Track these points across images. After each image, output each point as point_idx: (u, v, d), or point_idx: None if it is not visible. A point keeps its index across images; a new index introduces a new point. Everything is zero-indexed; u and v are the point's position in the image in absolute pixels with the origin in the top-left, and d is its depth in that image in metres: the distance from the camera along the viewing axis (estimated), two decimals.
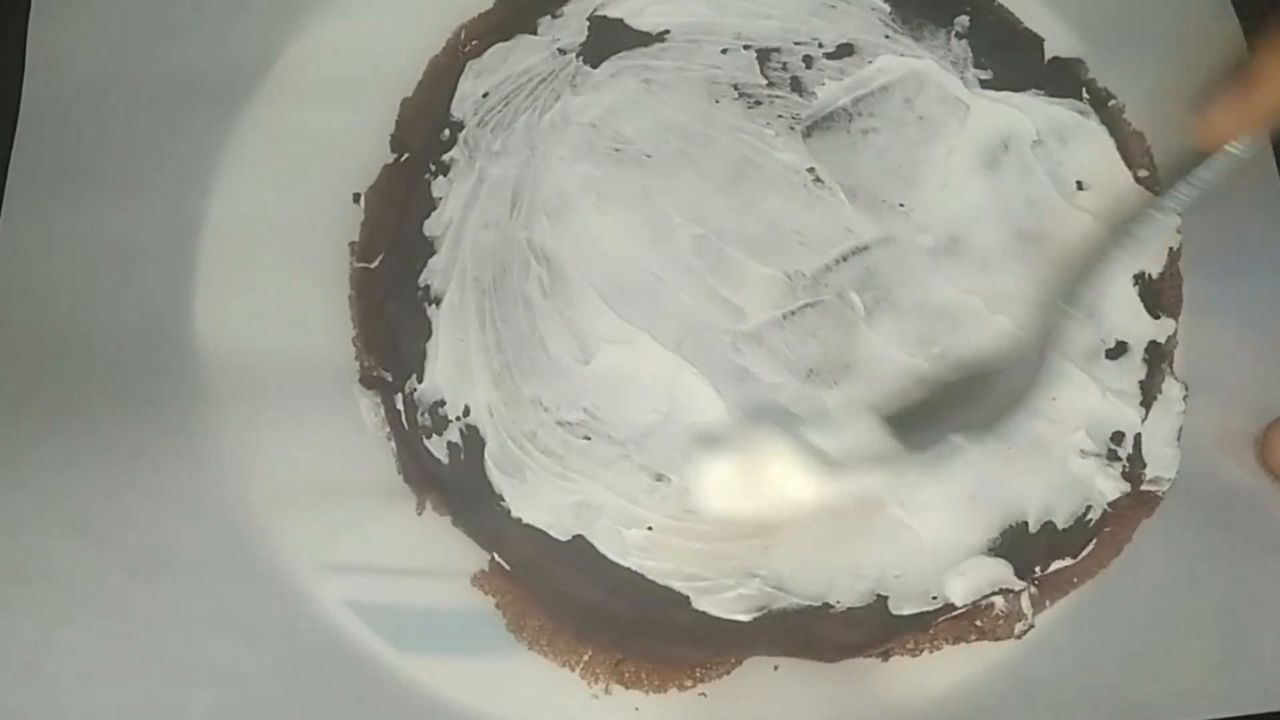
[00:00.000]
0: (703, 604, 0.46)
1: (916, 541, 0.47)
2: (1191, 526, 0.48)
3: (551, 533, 0.47)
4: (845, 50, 0.53)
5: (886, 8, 0.54)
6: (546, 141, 0.52)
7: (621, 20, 0.54)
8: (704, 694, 0.46)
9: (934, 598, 0.46)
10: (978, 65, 0.53)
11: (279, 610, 0.47)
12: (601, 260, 0.50)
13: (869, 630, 0.46)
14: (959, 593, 0.46)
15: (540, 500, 0.47)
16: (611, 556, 0.47)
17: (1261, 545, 0.48)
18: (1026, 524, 0.47)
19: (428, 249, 0.51)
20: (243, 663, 0.46)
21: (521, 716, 0.46)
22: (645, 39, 0.54)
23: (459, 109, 0.53)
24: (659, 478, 0.47)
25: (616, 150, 0.52)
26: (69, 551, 0.47)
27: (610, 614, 0.47)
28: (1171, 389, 0.49)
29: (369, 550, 0.48)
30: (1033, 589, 0.47)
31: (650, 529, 0.47)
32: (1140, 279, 0.51)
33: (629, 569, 0.47)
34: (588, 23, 0.54)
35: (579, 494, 0.47)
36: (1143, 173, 0.52)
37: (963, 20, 0.54)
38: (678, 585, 0.46)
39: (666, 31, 0.54)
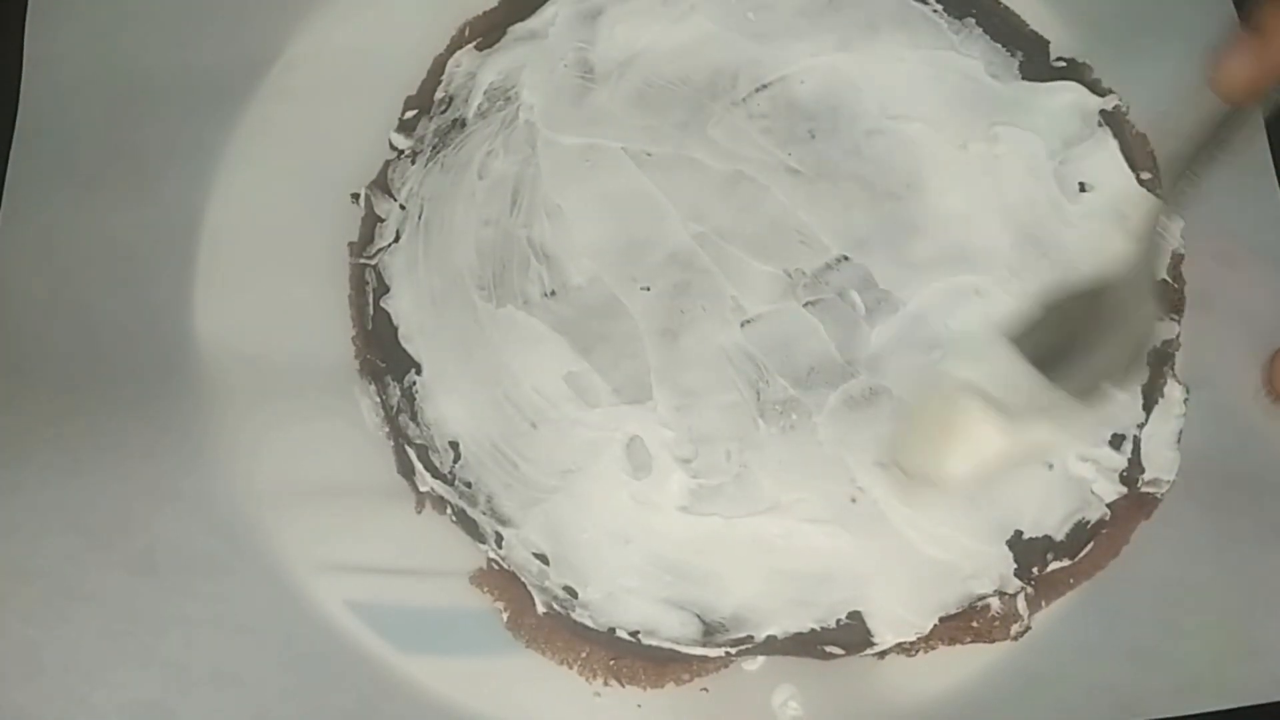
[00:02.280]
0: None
1: (909, 547, 0.47)
2: (1190, 525, 0.48)
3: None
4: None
5: None
6: (545, 137, 0.52)
7: None
8: (705, 689, 0.47)
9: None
10: None
11: (279, 609, 0.47)
12: (600, 255, 0.50)
13: (859, 635, 0.47)
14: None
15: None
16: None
17: (1259, 540, 0.48)
18: (1022, 524, 0.47)
19: (430, 246, 0.51)
20: (243, 661, 0.46)
21: (524, 716, 0.46)
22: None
23: (461, 106, 0.53)
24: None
25: (618, 146, 0.52)
26: (69, 550, 0.47)
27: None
28: (1173, 391, 0.49)
29: (368, 549, 0.48)
30: (1029, 589, 0.47)
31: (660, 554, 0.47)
32: None
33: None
34: None
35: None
36: (1145, 175, 0.52)
37: (969, 22, 0.54)
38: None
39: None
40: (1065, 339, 0.44)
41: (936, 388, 0.45)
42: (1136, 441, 0.49)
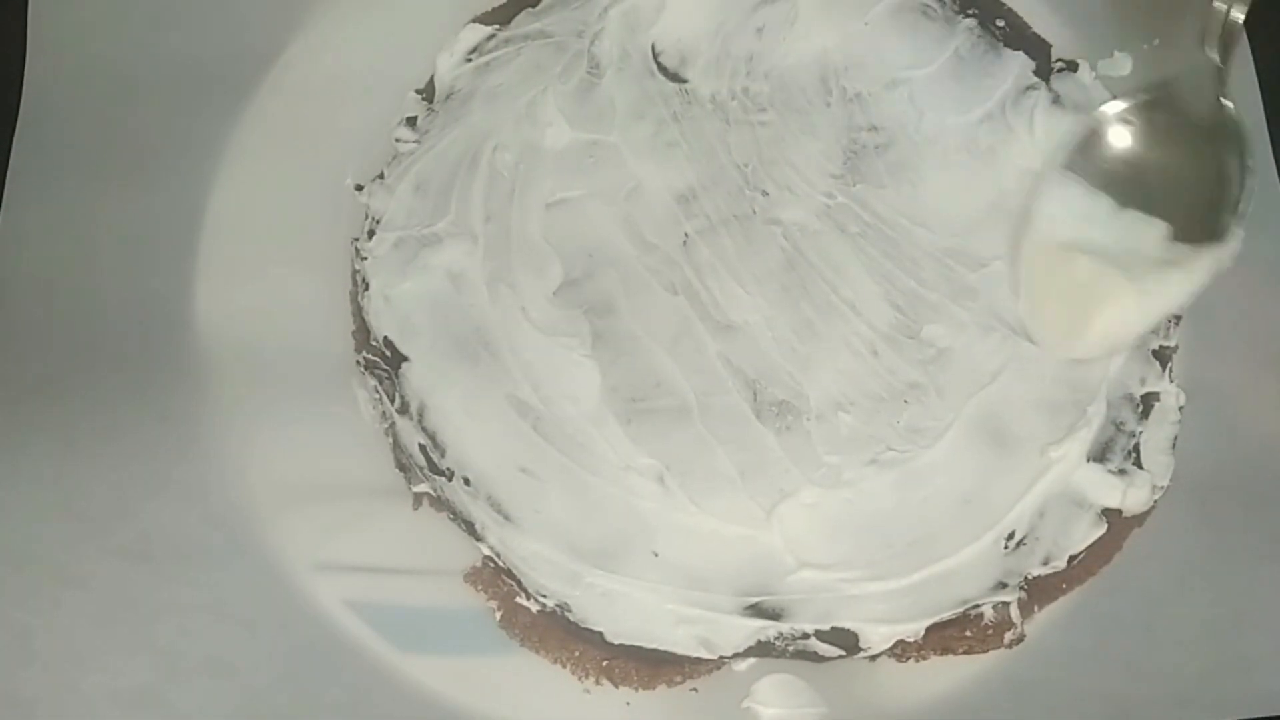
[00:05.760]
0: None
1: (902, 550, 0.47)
2: (1183, 532, 0.48)
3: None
4: None
5: None
6: (549, 133, 0.52)
7: None
8: (695, 689, 0.47)
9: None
10: None
11: (273, 599, 0.47)
12: (600, 252, 0.50)
13: (851, 638, 0.46)
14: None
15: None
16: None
17: (1253, 551, 0.48)
18: (1016, 529, 0.47)
19: (431, 241, 0.51)
20: (235, 652, 0.46)
21: (515, 712, 0.46)
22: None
23: (467, 100, 0.53)
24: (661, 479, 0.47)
25: (621, 143, 0.52)
26: (63, 536, 0.47)
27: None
28: (1169, 397, 0.49)
29: (364, 545, 0.48)
30: (1021, 595, 0.47)
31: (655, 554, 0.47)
32: None
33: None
34: None
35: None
36: None
37: (970, 23, 0.54)
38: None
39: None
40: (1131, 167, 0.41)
41: (1045, 254, 0.43)
42: (1135, 446, 0.48)
